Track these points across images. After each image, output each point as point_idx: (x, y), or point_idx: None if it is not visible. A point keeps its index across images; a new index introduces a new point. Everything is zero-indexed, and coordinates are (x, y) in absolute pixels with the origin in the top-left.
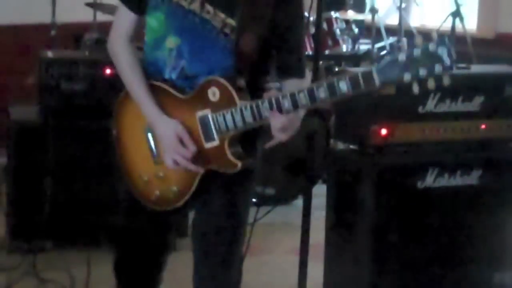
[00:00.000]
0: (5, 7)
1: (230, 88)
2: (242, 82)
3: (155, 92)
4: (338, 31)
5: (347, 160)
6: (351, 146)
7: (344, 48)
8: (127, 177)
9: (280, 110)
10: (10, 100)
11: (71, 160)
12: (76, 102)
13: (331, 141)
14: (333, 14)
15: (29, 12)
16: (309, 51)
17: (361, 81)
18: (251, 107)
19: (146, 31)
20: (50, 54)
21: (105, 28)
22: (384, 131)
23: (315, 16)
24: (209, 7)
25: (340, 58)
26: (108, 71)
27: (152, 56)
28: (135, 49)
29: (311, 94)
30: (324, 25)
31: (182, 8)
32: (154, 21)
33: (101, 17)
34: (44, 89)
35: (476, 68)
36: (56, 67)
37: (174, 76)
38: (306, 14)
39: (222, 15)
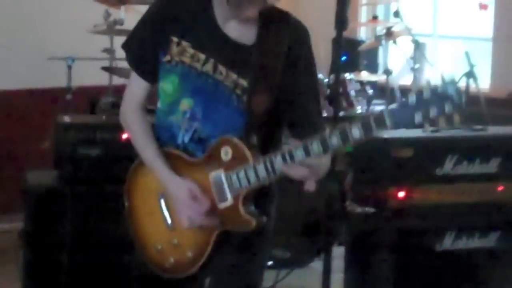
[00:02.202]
0: (21, 71)
1: (242, 145)
2: (254, 139)
3: (168, 158)
4: (352, 92)
5: (364, 223)
6: (369, 209)
7: (359, 109)
8: (140, 248)
9: (293, 161)
10: (26, 165)
11: (88, 227)
12: (92, 167)
13: (347, 203)
14: (347, 75)
15: (45, 76)
16: (325, 113)
17: (373, 125)
18: (264, 162)
19: (159, 97)
20: (66, 118)
21: (121, 92)
22: (401, 194)
23: (330, 78)
24: (221, 68)
25: (355, 120)
26: (124, 136)
27: (166, 121)
28: (146, 116)
29: (323, 142)
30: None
31: (195, 70)
32: (168, 85)
33: (117, 80)
34: (61, 154)
35: (493, 130)
36: (72, 132)
37: (187, 139)
38: (321, 75)
39: (234, 76)
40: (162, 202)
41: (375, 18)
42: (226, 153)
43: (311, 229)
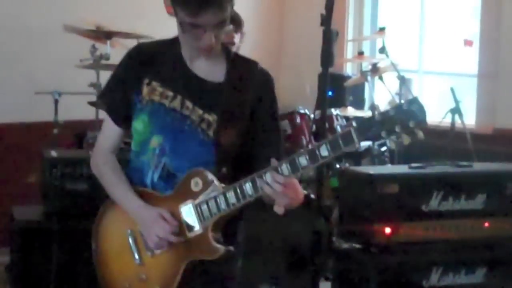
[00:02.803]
0: (8, 105)
1: (211, 176)
2: (224, 170)
3: (139, 195)
4: (338, 128)
5: (351, 259)
6: (355, 245)
7: None
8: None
9: (265, 182)
10: (13, 199)
11: (74, 262)
12: (79, 202)
13: (334, 238)
14: (334, 111)
15: (32, 110)
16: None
17: (341, 142)
18: (234, 188)
19: (132, 140)
20: (53, 153)
21: None
22: (388, 230)
23: (317, 114)
24: (188, 103)
25: (341, 155)
26: None
27: (138, 162)
28: (116, 161)
29: (292, 163)
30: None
31: (164, 106)
32: (139, 123)
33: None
34: (48, 188)
35: (478, 166)
36: (59, 166)
37: (156, 177)
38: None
39: (200, 111)
40: (130, 238)
41: (361, 54)
42: (196, 184)
43: (298, 264)
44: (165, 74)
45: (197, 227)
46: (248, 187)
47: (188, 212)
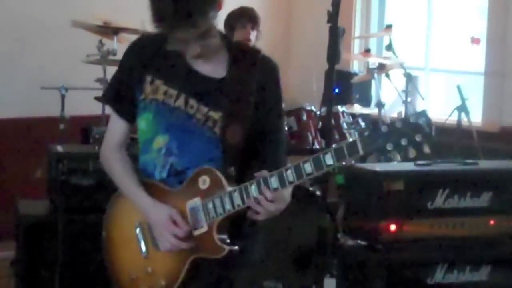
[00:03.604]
0: (14, 100)
1: (219, 174)
2: (231, 170)
3: (147, 188)
4: (345, 125)
5: (356, 256)
6: (360, 242)
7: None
8: (115, 277)
9: (268, 188)
10: (19, 194)
11: (79, 256)
12: (85, 197)
13: (339, 235)
14: (340, 108)
15: (38, 106)
16: (317, 146)
17: (346, 151)
18: (240, 189)
19: (138, 136)
20: (59, 148)
21: None
22: (393, 227)
23: (323, 111)
24: (192, 102)
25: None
26: None
27: (142, 160)
28: (126, 154)
29: (297, 170)
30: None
31: (168, 106)
32: (143, 122)
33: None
34: (54, 183)
35: (484, 164)
36: (65, 162)
37: (164, 175)
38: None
39: (205, 109)
40: (138, 230)
41: (367, 51)
42: (204, 182)
43: (303, 261)
44: (167, 72)
45: (203, 224)
46: (253, 189)
47: (194, 209)
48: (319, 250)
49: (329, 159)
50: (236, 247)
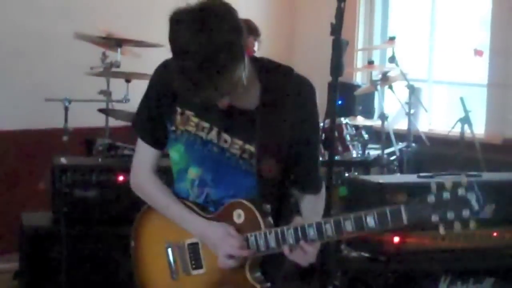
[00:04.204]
0: (18, 112)
1: (255, 210)
2: (267, 207)
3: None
4: (348, 137)
5: (360, 268)
6: (364, 253)
7: (354, 153)
8: (142, 286)
9: (305, 238)
10: (22, 206)
11: (83, 268)
12: (89, 209)
13: (342, 246)
14: (343, 120)
15: (42, 117)
16: (320, 157)
17: (389, 218)
18: (276, 232)
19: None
20: (63, 160)
21: (117, 133)
22: (396, 239)
23: (326, 123)
24: (225, 136)
25: (350, 164)
26: (121, 178)
27: (176, 187)
28: (159, 179)
29: (337, 226)
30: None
31: (200, 138)
32: (175, 153)
33: (113, 122)
34: (57, 195)
35: (487, 176)
36: (69, 174)
37: (200, 201)
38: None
39: (240, 142)
40: (169, 251)
41: (370, 63)
42: (239, 216)
43: (307, 273)
44: (198, 104)
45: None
46: (290, 234)
47: None
48: (322, 262)
49: (371, 221)
50: (268, 284)
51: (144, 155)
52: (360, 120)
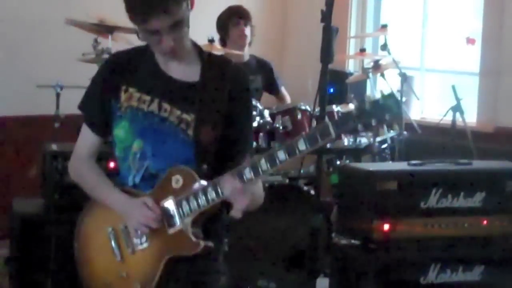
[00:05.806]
0: (9, 98)
1: (192, 172)
2: (204, 168)
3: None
4: None
5: (350, 256)
6: (354, 241)
7: (346, 141)
8: (88, 286)
9: (242, 180)
10: (13, 192)
11: (73, 255)
12: (79, 195)
13: (333, 234)
14: (335, 107)
15: (33, 104)
16: None
17: (318, 136)
18: (214, 183)
19: (115, 146)
20: (54, 147)
21: None
22: (386, 227)
23: (317, 110)
24: (166, 106)
25: (341, 152)
26: (112, 164)
27: (121, 167)
28: (95, 163)
29: (271, 157)
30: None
31: (142, 111)
32: (120, 131)
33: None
34: (48, 182)
35: (478, 164)
36: (60, 160)
37: (137, 179)
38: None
39: (178, 112)
40: (111, 236)
41: (362, 50)
42: (177, 181)
43: (297, 260)
44: (141, 80)
45: (177, 223)
46: (227, 179)
47: (168, 208)
48: (312, 249)
49: (302, 145)
50: (211, 243)
51: (85, 140)
52: (352, 108)
